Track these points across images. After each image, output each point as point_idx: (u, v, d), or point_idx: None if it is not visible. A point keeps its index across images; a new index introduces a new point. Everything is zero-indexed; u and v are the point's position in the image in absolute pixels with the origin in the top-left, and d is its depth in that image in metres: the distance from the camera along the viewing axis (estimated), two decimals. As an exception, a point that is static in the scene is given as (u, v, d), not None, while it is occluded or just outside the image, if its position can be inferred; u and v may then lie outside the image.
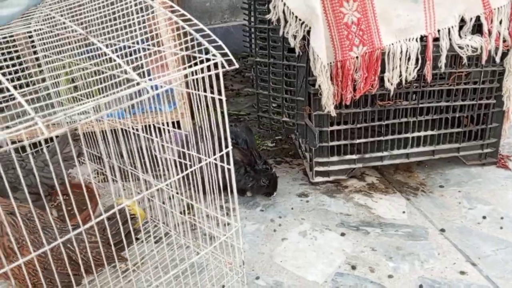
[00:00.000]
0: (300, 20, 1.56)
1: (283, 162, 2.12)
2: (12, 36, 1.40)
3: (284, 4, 1.56)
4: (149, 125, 1.39)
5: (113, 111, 0.75)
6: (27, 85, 1.57)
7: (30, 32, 1.54)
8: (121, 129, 1.52)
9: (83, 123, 0.70)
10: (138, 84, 0.80)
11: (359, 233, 1.60)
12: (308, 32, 1.57)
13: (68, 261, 1.11)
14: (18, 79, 1.49)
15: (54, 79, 1.57)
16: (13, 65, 1.40)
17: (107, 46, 0.96)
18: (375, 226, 1.63)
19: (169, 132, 1.28)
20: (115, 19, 1.04)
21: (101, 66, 1.06)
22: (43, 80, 1.68)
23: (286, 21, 1.59)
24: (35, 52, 1.60)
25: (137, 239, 1.24)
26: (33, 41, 1.60)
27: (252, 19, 1.86)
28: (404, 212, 1.71)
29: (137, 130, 1.33)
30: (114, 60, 0.92)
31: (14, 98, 0.71)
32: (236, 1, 3.74)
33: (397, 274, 1.41)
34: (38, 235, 1.13)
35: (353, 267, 1.44)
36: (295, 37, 1.60)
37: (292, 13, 1.55)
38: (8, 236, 1.07)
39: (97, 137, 1.73)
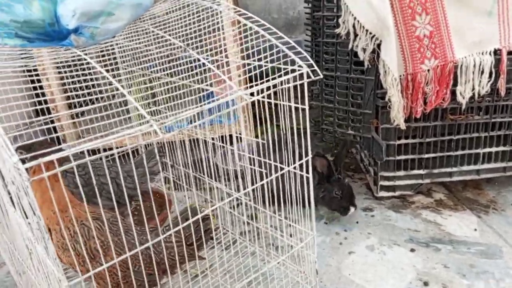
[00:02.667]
0: (370, 33, 1.57)
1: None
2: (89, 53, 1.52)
3: (355, 18, 1.58)
4: (220, 136, 1.45)
5: (214, 117, 0.80)
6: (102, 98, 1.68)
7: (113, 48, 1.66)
8: (192, 139, 1.59)
9: (190, 128, 0.75)
10: (234, 92, 0.84)
11: (429, 250, 1.56)
12: (378, 45, 1.58)
13: (148, 262, 1.17)
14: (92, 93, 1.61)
15: (133, 93, 1.67)
16: (90, 79, 1.50)
17: (199, 59, 1.02)
18: (446, 243, 1.59)
19: (241, 141, 1.33)
20: (205, 34, 1.11)
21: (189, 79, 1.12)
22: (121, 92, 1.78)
23: (356, 35, 1.61)
24: (117, 68, 1.71)
25: (211, 238, 1.28)
26: (114, 56, 1.71)
27: (319, 34, 1.89)
28: (475, 229, 1.65)
29: (212, 139, 1.39)
30: (205, 72, 0.98)
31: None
32: (291, 18, 3.80)
33: (473, 293, 1.37)
34: (120, 237, 1.19)
35: (425, 283, 1.41)
36: (364, 50, 1.62)
37: (363, 26, 1.57)
38: (94, 239, 1.14)
39: (172, 146, 1.81)
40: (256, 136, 2.17)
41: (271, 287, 1.33)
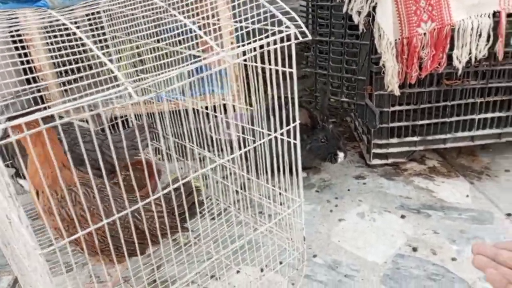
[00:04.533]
0: (365, -5, 1.51)
1: (338, 143, 2.09)
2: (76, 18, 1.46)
3: (349, -21, 1.52)
4: (210, 106, 1.42)
5: (193, 80, 0.76)
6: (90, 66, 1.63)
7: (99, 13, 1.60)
8: (182, 109, 1.55)
9: (168, 89, 0.71)
10: (218, 53, 0.80)
11: (420, 216, 1.56)
12: (374, 8, 1.52)
13: (134, 230, 1.16)
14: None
15: (120, 58, 1.62)
16: (76, 46, 1.45)
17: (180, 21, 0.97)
18: (437, 210, 1.58)
19: (234, 110, 1.29)
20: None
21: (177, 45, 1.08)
22: (110, 59, 1.73)
23: (350, -3, 1.55)
24: (104, 33, 1.65)
25: (200, 213, 1.26)
26: (101, 22, 1.65)
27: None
28: (468, 196, 1.64)
29: (205, 108, 1.35)
30: (192, 37, 0.94)
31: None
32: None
33: (461, 257, 1.37)
34: (108, 204, 1.18)
35: (415, 249, 1.41)
36: (359, 13, 1.56)
37: (357, -12, 1.51)
38: (80, 205, 1.13)
39: (163, 116, 1.77)
40: (250, 105, 2.13)
41: (258, 254, 1.32)
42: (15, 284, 1.42)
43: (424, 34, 1.52)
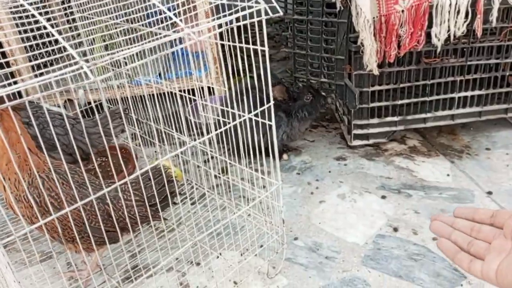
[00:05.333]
0: (342, -29, 1.47)
1: (319, 126, 2.07)
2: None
3: (325, -45, 1.48)
4: (188, 89, 1.38)
5: (157, 56, 0.72)
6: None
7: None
8: (157, 93, 1.51)
9: (131, 67, 0.67)
10: (182, 30, 0.76)
11: (400, 196, 1.55)
12: (350, -16, 1.49)
13: (106, 218, 1.12)
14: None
15: (90, 39, 1.56)
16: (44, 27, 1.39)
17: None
18: (418, 189, 1.57)
19: (209, 94, 1.25)
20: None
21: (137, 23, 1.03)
22: (79, 38, 1.67)
23: (326, -26, 1.51)
24: (71, 13, 1.59)
25: (174, 203, 1.23)
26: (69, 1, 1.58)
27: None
28: (448, 175, 1.64)
29: (181, 91, 1.31)
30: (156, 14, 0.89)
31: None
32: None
33: (442, 237, 1.36)
34: (78, 191, 1.14)
35: (395, 229, 1.41)
36: (336, -10, 1.52)
37: (334, -36, 1.47)
38: (48, 192, 1.09)
39: (142, 100, 1.73)
40: (229, 88, 2.09)
41: (237, 238, 1.30)
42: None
43: (402, 11, 1.49)
